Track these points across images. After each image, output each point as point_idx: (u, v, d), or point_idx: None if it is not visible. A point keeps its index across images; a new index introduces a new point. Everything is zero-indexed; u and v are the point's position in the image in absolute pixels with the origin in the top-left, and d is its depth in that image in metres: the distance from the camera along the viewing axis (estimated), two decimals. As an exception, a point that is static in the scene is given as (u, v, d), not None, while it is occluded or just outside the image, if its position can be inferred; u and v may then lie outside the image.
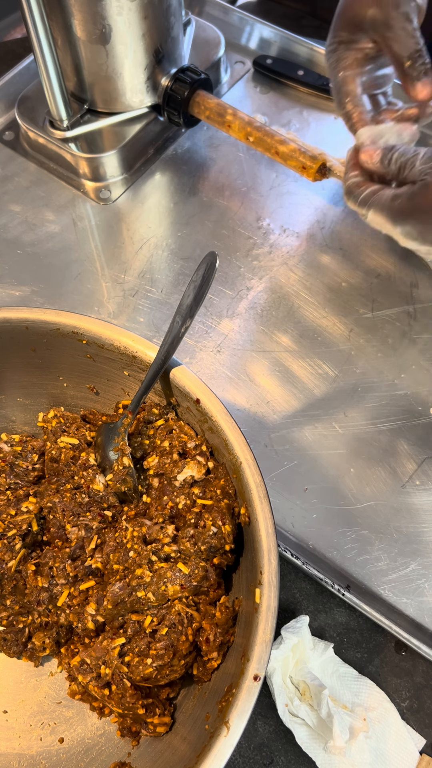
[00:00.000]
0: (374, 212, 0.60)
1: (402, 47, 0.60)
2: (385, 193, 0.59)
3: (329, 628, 0.57)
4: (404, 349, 0.68)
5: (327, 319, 0.70)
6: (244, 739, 0.53)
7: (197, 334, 0.69)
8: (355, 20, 0.62)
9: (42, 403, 0.60)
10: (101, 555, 0.50)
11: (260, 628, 0.43)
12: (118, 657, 0.47)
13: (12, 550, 0.51)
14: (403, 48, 0.60)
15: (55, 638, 0.51)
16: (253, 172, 0.79)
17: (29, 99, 0.79)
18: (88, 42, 0.68)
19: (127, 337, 0.53)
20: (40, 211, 0.77)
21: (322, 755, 0.51)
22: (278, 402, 0.65)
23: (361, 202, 0.61)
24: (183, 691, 0.51)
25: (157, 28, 0.69)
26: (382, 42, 0.61)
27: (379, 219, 0.60)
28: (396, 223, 0.59)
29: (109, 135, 0.76)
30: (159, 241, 0.75)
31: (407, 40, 0.60)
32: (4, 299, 0.71)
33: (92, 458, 0.54)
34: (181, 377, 0.51)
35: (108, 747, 0.50)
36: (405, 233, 0.59)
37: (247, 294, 0.72)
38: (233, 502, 0.50)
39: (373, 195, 0.60)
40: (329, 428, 0.64)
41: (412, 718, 0.54)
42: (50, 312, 0.53)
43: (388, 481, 0.62)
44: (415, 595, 0.57)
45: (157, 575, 0.48)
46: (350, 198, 0.62)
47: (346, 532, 0.60)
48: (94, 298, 0.71)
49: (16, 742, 0.51)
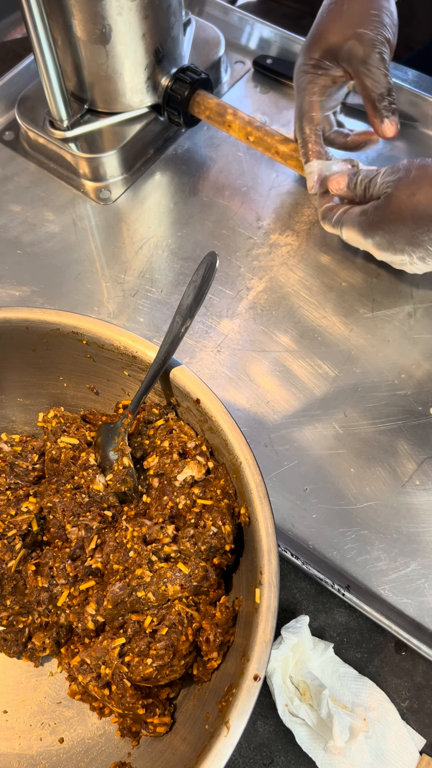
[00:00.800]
0: (347, 229, 0.66)
1: (375, 85, 0.65)
2: (354, 211, 0.65)
3: (329, 628, 0.57)
4: (404, 349, 0.68)
5: (327, 319, 0.70)
6: (244, 739, 0.53)
7: (197, 334, 0.69)
8: (332, 49, 0.65)
9: (42, 403, 0.60)
10: (101, 555, 0.50)
11: (260, 628, 0.43)
12: (118, 657, 0.47)
13: (12, 550, 0.51)
14: (376, 86, 0.65)
15: (55, 638, 0.51)
16: (253, 172, 0.79)
17: (29, 99, 0.79)
18: (88, 42, 0.68)
19: (127, 337, 0.53)
20: (40, 211, 0.77)
21: (322, 755, 0.51)
22: (278, 402, 0.65)
23: (334, 223, 0.67)
24: (183, 691, 0.51)
25: (157, 27, 0.69)
26: (354, 74, 0.66)
27: (352, 234, 0.66)
28: (366, 235, 0.64)
29: (109, 135, 0.76)
30: (159, 241, 0.75)
31: (381, 79, 0.64)
32: (4, 299, 0.71)
33: (92, 458, 0.54)
34: (181, 377, 0.51)
35: (108, 747, 0.50)
36: (376, 244, 0.64)
37: (247, 294, 0.72)
38: (233, 502, 0.50)
39: (344, 214, 0.65)
40: (329, 428, 0.64)
41: (412, 718, 0.54)
42: (50, 312, 0.53)
43: (388, 481, 0.62)
44: (415, 595, 0.57)
45: (157, 575, 0.48)
46: (325, 221, 0.68)
47: (346, 532, 0.60)
48: (94, 298, 0.71)
49: (16, 742, 0.51)
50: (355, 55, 0.64)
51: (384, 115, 0.65)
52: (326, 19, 0.66)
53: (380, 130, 0.66)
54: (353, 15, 0.64)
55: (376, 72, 0.64)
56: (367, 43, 0.63)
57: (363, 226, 0.64)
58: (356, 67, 0.64)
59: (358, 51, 0.64)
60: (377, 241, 0.64)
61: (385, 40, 0.64)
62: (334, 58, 0.66)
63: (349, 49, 0.64)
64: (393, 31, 0.65)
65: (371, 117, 0.66)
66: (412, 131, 0.81)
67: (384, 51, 0.64)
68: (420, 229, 0.60)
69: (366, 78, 0.64)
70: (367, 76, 0.64)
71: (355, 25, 0.64)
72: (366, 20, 0.63)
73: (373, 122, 0.67)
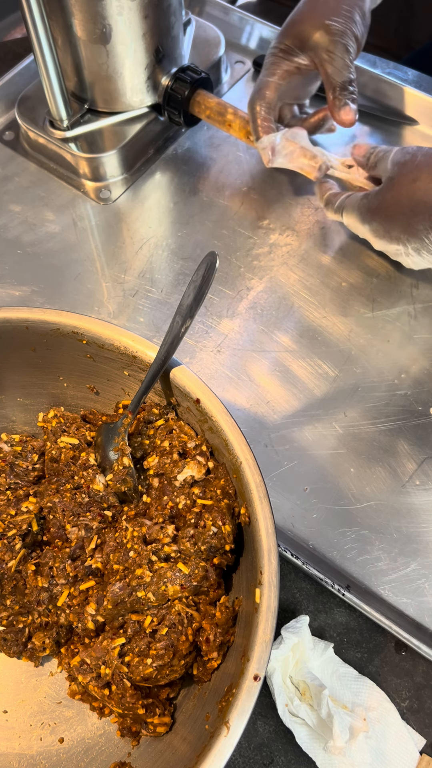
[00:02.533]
0: (347, 213, 0.67)
1: (337, 73, 0.67)
2: (356, 195, 0.66)
3: (329, 628, 0.57)
4: (404, 349, 0.68)
5: (327, 319, 0.70)
6: (244, 739, 0.53)
7: (197, 334, 0.69)
8: (301, 36, 0.68)
9: (42, 403, 0.60)
10: (101, 555, 0.50)
11: (260, 628, 0.43)
12: (118, 657, 0.47)
13: (12, 550, 0.51)
14: (337, 74, 0.67)
15: (55, 638, 0.51)
16: (253, 172, 0.79)
17: (29, 99, 0.79)
18: (89, 42, 0.68)
19: (127, 337, 0.53)
20: (40, 211, 0.77)
21: (322, 755, 0.51)
22: (278, 402, 0.65)
23: (337, 208, 0.68)
24: (183, 691, 0.51)
25: (157, 27, 0.69)
26: (319, 63, 0.68)
27: (351, 220, 0.67)
28: (365, 220, 0.65)
29: (110, 135, 0.76)
30: (159, 241, 0.75)
31: (343, 69, 0.67)
32: (4, 299, 0.71)
33: (92, 458, 0.54)
34: (181, 377, 0.51)
35: (108, 747, 0.50)
36: (373, 230, 0.65)
37: (247, 294, 0.72)
38: (233, 502, 0.50)
39: (347, 199, 0.67)
40: (329, 428, 0.64)
41: (412, 718, 0.54)
42: (50, 312, 0.53)
43: (388, 481, 0.62)
44: (415, 595, 0.57)
45: (157, 575, 0.48)
46: (328, 206, 0.69)
47: (346, 532, 0.60)
48: (94, 298, 0.71)
49: (16, 742, 0.51)
50: (321, 44, 0.66)
51: (343, 102, 0.67)
52: (302, 8, 0.69)
53: (338, 116, 0.68)
54: (326, 7, 0.66)
55: (338, 61, 0.66)
56: (333, 34, 0.65)
57: (363, 210, 0.64)
58: (321, 55, 0.67)
59: (324, 40, 0.66)
60: (374, 228, 0.64)
61: (353, 35, 0.66)
62: (302, 46, 0.68)
63: (318, 39, 0.66)
64: (362, 30, 0.67)
65: (330, 104, 0.68)
66: (413, 131, 0.81)
67: (350, 44, 0.66)
68: (416, 217, 0.60)
69: (328, 66, 0.66)
70: (330, 64, 0.66)
71: (326, 17, 0.66)
72: (337, 13, 0.66)
73: (331, 109, 0.68)
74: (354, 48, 0.66)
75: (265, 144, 0.69)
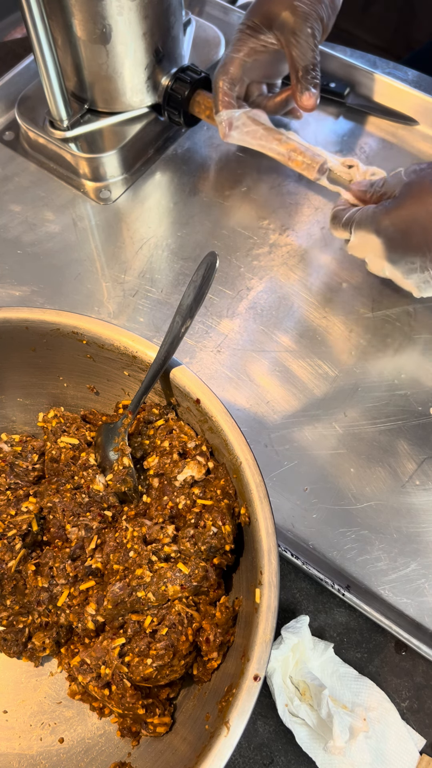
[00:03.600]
0: (358, 227, 0.63)
1: (301, 57, 0.67)
2: (369, 207, 0.63)
3: (329, 628, 0.57)
4: (404, 349, 0.68)
5: (327, 319, 0.70)
6: (244, 739, 0.53)
7: (197, 334, 0.69)
8: (269, 15, 0.68)
9: (42, 403, 0.60)
10: (101, 555, 0.50)
11: (260, 628, 0.43)
12: (118, 657, 0.47)
13: (12, 550, 0.51)
14: (302, 58, 0.67)
15: (55, 638, 0.51)
16: (253, 172, 0.79)
17: (29, 99, 0.79)
18: (89, 42, 0.68)
19: (127, 337, 0.53)
20: (40, 211, 0.77)
21: (322, 755, 0.51)
22: (278, 402, 0.65)
23: (345, 222, 0.65)
24: (183, 691, 0.51)
25: (157, 27, 0.69)
26: (284, 44, 0.68)
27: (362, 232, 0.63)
28: (380, 231, 0.61)
29: (110, 135, 0.76)
30: (159, 241, 0.75)
31: (308, 52, 0.67)
32: (4, 299, 0.71)
33: (92, 458, 0.54)
34: (181, 377, 0.51)
35: (108, 747, 0.50)
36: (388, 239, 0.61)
37: (247, 294, 0.72)
38: (233, 502, 0.50)
39: (357, 212, 0.64)
40: (329, 428, 0.64)
41: (412, 718, 0.54)
42: (50, 312, 0.53)
43: (388, 481, 0.62)
44: (415, 595, 0.57)
45: (157, 575, 0.48)
46: (334, 221, 0.66)
47: (346, 532, 0.60)
48: (94, 298, 0.71)
49: (16, 742, 0.51)
50: (287, 25, 0.66)
51: (305, 86, 0.67)
52: None
53: (300, 100, 0.68)
54: None
55: (303, 45, 0.66)
56: (300, 16, 0.66)
57: (377, 219, 0.61)
58: (287, 37, 0.67)
59: (290, 21, 0.66)
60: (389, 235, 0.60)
61: (319, 18, 0.66)
62: (269, 24, 0.68)
63: (284, 18, 0.66)
64: (329, 12, 0.67)
65: (293, 88, 0.68)
66: (413, 131, 0.81)
67: (315, 27, 0.66)
68: None
69: (294, 49, 0.67)
70: (295, 47, 0.66)
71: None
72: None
73: (294, 93, 0.69)
74: (320, 30, 0.67)
75: (223, 117, 0.70)
